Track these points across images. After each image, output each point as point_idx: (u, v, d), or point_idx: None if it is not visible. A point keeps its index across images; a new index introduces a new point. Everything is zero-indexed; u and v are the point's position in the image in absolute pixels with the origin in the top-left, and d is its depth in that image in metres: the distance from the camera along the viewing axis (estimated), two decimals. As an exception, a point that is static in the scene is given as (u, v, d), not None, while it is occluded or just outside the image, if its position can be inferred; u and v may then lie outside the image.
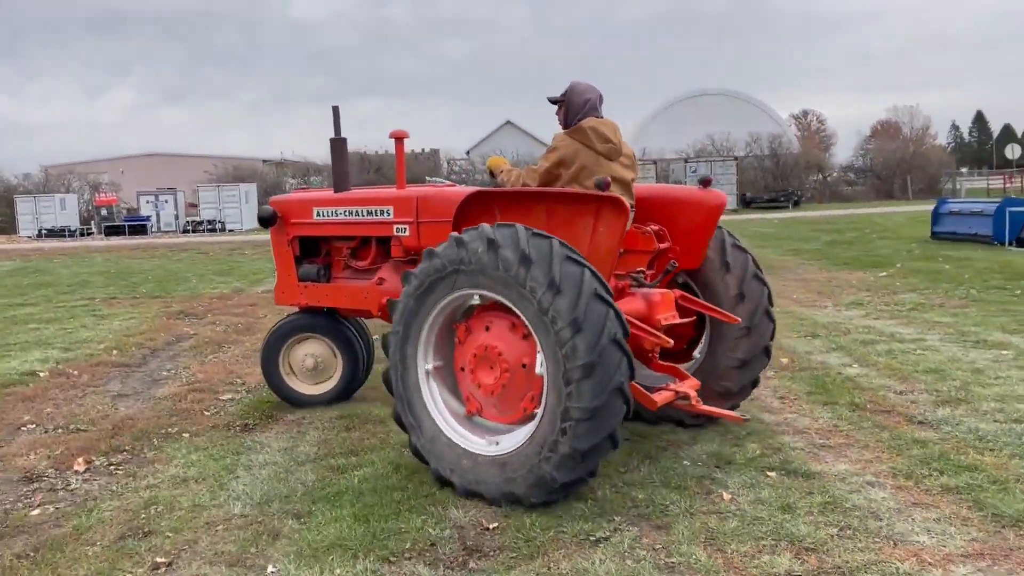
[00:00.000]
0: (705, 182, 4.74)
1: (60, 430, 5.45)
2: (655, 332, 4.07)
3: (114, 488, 4.27)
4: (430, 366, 4.05)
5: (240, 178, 43.88)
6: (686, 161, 38.87)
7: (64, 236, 37.84)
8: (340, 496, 3.92)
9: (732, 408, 4.67)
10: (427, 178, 5.74)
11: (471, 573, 3.15)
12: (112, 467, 4.63)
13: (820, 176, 48.29)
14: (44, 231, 38.45)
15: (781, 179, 44.68)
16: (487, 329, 3.91)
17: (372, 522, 3.58)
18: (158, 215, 40.60)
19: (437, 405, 4.04)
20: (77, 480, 4.42)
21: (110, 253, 24.74)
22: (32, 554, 3.48)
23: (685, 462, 4.25)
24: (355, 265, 5.41)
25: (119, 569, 3.30)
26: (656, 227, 4.59)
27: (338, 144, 5.39)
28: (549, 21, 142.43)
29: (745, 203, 38.90)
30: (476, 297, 3.86)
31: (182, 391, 6.47)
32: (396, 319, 4.04)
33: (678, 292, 4.53)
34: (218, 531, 3.63)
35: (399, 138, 5.00)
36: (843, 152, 57.37)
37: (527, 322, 3.62)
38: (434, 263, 3.86)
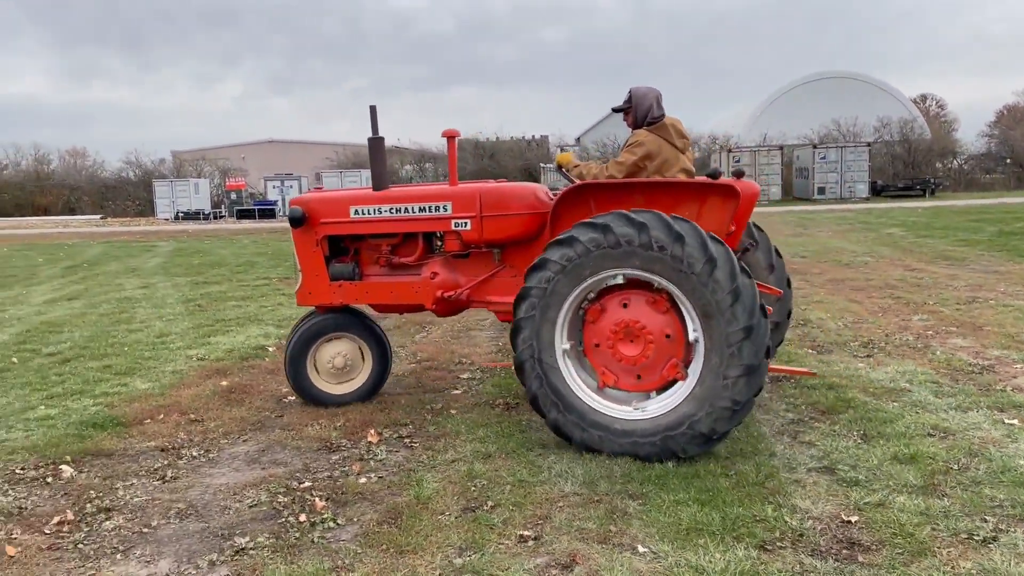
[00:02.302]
0: (738, 174, 4.86)
1: (322, 402, 5.65)
2: None
3: (423, 460, 4.38)
4: (567, 345, 4.36)
5: (360, 164, 45.05)
6: (814, 147, 37.23)
7: (199, 219, 39.88)
8: (665, 479, 3.88)
9: None
10: (541, 166, 5.61)
11: (863, 567, 3.04)
12: (405, 440, 4.76)
13: (955, 163, 45.49)
14: (181, 214, 40.62)
15: (912, 166, 42.35)
16: (624, 306, 4.30)
17: (721, 508, 3.52)
18: (284, 199, 42.20)
19: (575, 378, 4.37)
20: (381, 451, 4.56)
21: (252, 235, 25.88)
22: (393, 520, 3.59)
23: (1020, 461, 4.00)
24: (398, 261, 5.36)
25: (488, 540, 3.36)
26: None
27: (376, 143, 5.30)
28: (648, 6, 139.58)
29: (876, 191, 37.04)
30: (620, 277, 4.25)
31: (417, 369, 6.64)
32: (540, 278, 4.26)
33: None
34: (562, 507, 3.65)
35: (451, 137, 5.09)
36: (966, 138, 53.42)
37: (690, 307, 4.05)
38: (608, 237, 4.11)
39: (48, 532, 3.63)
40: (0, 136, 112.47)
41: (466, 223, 5.03)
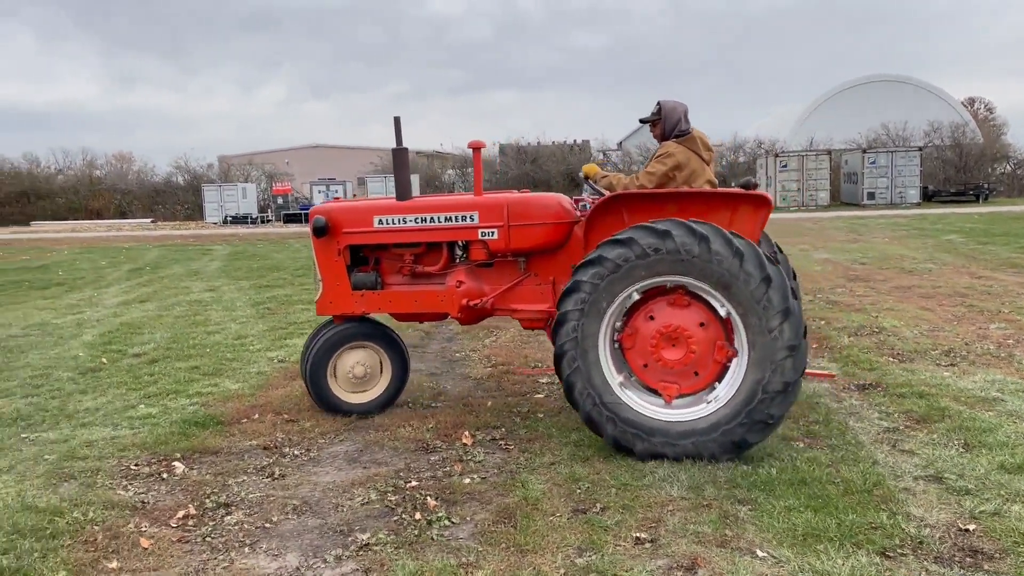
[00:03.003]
0: (748, 185, 4.95)
1: (411, 404, 5.78)
2: None
3: (522, 462, 4.46)
4: (620, 378, 4.46)
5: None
6: (864, 152, 36.62)
7: (247, 222, 40.63)
8: (772, 486, 3.91)
9: None
10: (582, 172, 5.54)
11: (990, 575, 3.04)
12: (499, 442, 4.85)
13: (1007, 168, 44.35)
14: (229, 218, 41.43)
15: (963, 171, 41.41)
16: (652, 319, 4.44)
17: (835, 514, 3.54)
18: (328, 204, 42.75)
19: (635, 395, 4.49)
20: (478, 453, 4.66)
21: (301, 239, 26.28)
22: (507, 520, 3.68)
23: None
24: (422, 270, 5.40)
25: (605, 541, 3.42)
26: None
27: (400, 154, 5.33)
28: (684, 9, 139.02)
29: (927, 196, 36.33)
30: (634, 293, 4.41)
31: (494, 372, 6.73)
32: (567, 331, 4.37)
33: None
34: (672, 511, 3.70)
35: (476, 148, 5.14)
36: (1017, 142, 51.60)
37: (708, 288, 4.24)
38: (607, 265, 4.31)
39: (175, 526, 3.79)
40: (49, 140, 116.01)
41: (493, 232, 5.13)
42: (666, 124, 5.09)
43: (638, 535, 3.47)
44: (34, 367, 7.11)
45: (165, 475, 4.45)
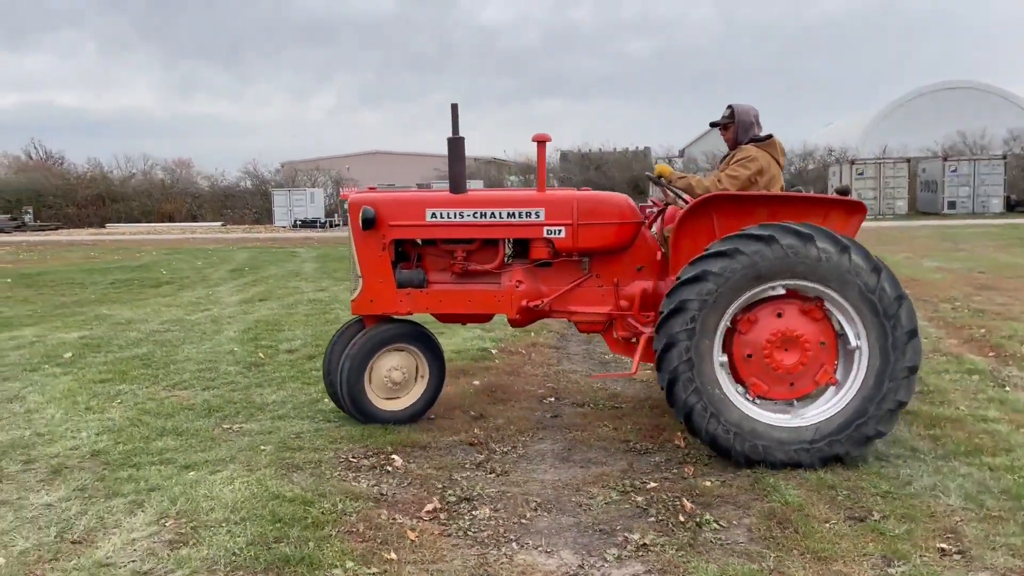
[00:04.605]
0: (845, 192, 4.60)
1: (592, 405, 5.65)
2: None
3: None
4: (784, 415, 4.31)
5: (468, 176, 45.73)
6: (944, 159, 35.52)
7: (315, 226, 41.23)
8: (982, 497, 3.66)
9: None
10: (647, 174, 5.29)
11: None
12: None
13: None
14: (298, 222, 42.09)
15: (1045, 181, 39.83)
16: (750, 356, 4.30)
17: None
18: (394, 209, 43.08)
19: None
20: (700, 455, 4.49)
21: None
22: (783, 526, 3.50)
23: None
24: (476, 268, 5.10)
25: (907, 552, 3.23)
26: None
27: (456, 143, 5.02)
28: (737, 17, 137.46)
29: (1010, 206, 35.06)
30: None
31: (649, 374, 6.56)
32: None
33: None
34: (960, 522, 3.49)
35: (541, 141, 4.87)
36: None
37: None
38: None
39: (427, 519, 3.71)
40: (111, 146, 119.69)
41: (560, 231, 4.90)
42: (739, 128, 5.00)
43: (941, 546, 3.27)
44: (196, 361, 7.17)
45: (388, 468, 4.38)
